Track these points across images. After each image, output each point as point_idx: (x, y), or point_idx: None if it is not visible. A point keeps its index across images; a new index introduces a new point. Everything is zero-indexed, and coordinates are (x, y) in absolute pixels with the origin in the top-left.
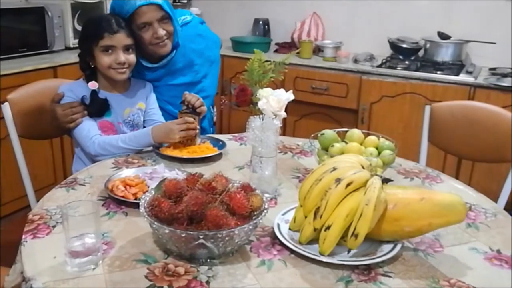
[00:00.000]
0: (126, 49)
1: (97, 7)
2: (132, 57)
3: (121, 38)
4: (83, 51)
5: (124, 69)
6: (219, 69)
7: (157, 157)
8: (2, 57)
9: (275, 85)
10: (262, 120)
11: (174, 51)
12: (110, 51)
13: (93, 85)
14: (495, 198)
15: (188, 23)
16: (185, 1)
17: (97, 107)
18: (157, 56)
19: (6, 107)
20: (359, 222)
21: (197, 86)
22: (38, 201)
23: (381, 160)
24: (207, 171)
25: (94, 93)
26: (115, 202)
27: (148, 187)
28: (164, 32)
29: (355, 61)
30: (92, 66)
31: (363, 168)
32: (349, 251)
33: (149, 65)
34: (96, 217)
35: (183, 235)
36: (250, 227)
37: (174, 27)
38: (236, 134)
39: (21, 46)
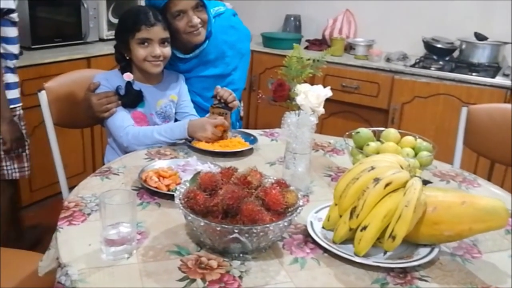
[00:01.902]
0: (162, 42)
1: None
2: (167, 50)
3: (158, 31)
4: (119, 43)
5: (159, 62)
6: (248, 63)
7: (189, 150)
8: (38, 46)
9: (305, 82)
10: (298, 116)
11: (207, 41)
12: (146, 43)
13: (128, 76)
14: None
15: (221, 14)
16: None
17: (131, 98)
18: (190, 46)
19: (43, 95)
20: (397, 224)
21: (227, 79)
22: (69, 188)
23: (418, 161)
24: (239, 166)
25: (129, 84)
26: (149, 192)
27: (181, 179)
28: (199, 20)
29: (388, 60)
30: (128, 58)
31: (402, 168)
32: (385, 252)
33: (182, 56)
34: (133, 206)
35: (218, 228)
36: (285, 224)
37: (208, 15)
38: (267, 130)
39: (57, 37)
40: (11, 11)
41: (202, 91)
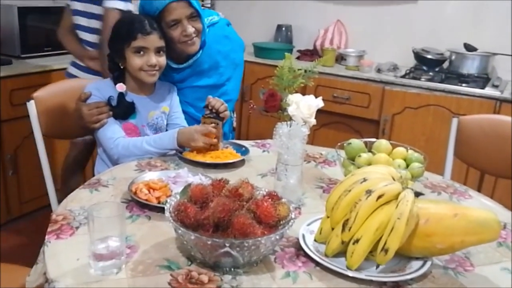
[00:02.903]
0: (158, 51)
1: None
2: (162, 60)
3: (154, 40)
4: (114, 52)
5: (155, 72)
6: (242, 73)
7: (180, 161)
8: (27, 55)
9: (297, 93)
10: (290, 126)
11: (201, 51)
12: (142, 52)
13: (121, 87)
14: None
15: (215, 24)
16: (209, 6)
17: (123, 110)
18: (184, 55)
19: (31, 105)
20: (390, 237)
21: (220, 89)
22: (58, 200)
23: (409, 172)
24: (230, 177)
25: (121, 95)
26: (138, 205)
27: (172, 191)
28: (193, 29)
29: (378, 70)
30: (122, 67)
31: (394, 180)
32: (377, 266)
33: (176, 66)
34: (121, 220)
35: (209, 242)
36: (277, 237)
37: (203, 25)
38: (258, 141)
39: (47, 45)
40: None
41: (195, 101)
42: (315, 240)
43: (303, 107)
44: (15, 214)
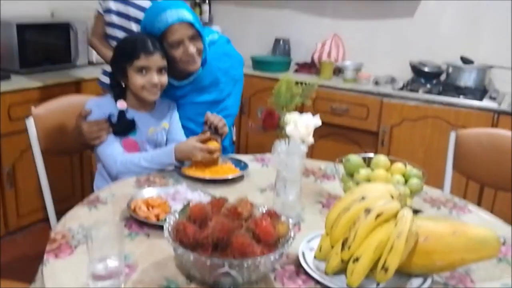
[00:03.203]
0: (160, 70)
1: None
2: (164, 79)
3: (157, 59)
4: (116, 70)
5: (156, 90)
6: (242, 88)
7: (179, 177)
8: (26, 70)
9: (296, 106)
10: (288, 144)
11: (201, 68)
12: (144, 71)
13: (121, 105)
14: None
15: (215, 42)
16: (207, 21)
17: (123, 127)
18: (185, 73)
19: (30, 122)
20: (389, 255)
21: (220, 105)
22: (57, 214)
23: (408, 188)
24: (229, 193)
25: (121, 112)
26: (137, 222)
27: (171, 207)
28: (195, 49)
29: (376, 83)
30: (124, 85)
31: (392, 197)
32: (377, 284)
33: (177, 83)
34: (120, 239)
35: (208, 262)
36: (276, 256)
37: (204, 44)
38: (257, 155)
39: (45, 60)
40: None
41: (195, 117)
42: (315, 258)
43: (301, 126)
44: (12, 228)
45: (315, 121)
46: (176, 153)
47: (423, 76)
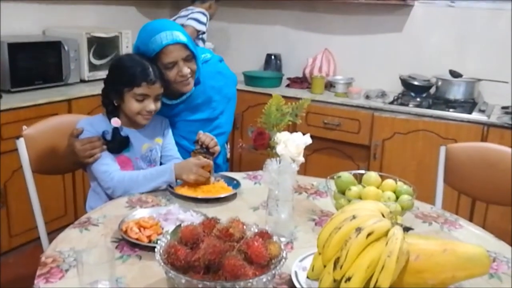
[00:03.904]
0: (157, 98)
1: (112, 41)
2: (159, 105)
3: (157, 88)
4: (111, 90)
5: (150, 116)
6: (235, 106)
7: (171, 196)
8: (18, 89)
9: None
10: (279, 163)
11: (194, 87)
12: (141, 98)
13: (116, 122)
14: (510, 240)
15: (208, 61)
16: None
17: (118, 144)
18: (178, 93)
19: (21, 142)
20: (381, 275)
21: (213, 123)
22: (48, 233)
23: (399, 205)
24: (222, 212)
25: (115, 130)
26: (129, 244)
27: (163, 228)
28: (189, 70)
29: (367, 97)
30: (116, 104)
31: (383, 216)
32: None
33: (169, 102)
34: (111, 264)
35: (199, 285)
36: (269, 278)
37: (197, 65)
38: (250, 173)
39: (37, 79)
40: (202, 32)
41: (188, 135)
42: (307, 277)
43: (291, 146)
44: (4, 248)
45: (305, 139)
46: (175, 171)
47: (413, 89)
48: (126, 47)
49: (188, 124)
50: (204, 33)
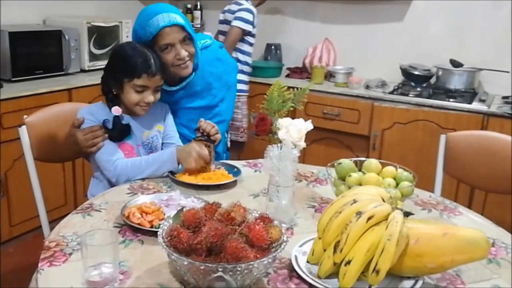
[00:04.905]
0: (156, 89)
1: (113, 31)
2: (158, 96)
3: (157, 80)
4: (111, 79)
5: (148, 108)
6: (235, 94)
7: (172, 183)
8: (18, 79)
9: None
10: (280, 149)
11: (193, 73)
12: (141, 89)
13: (117, 110)
14: (508, 229)
15: (208, 47)
16: (199, 26)
17: (119, 132)
18: (177, 78)
19: (23, 130)
20: (380, 258)
21: (213, 110)
22: (49, 222)
23: (399, 191)
24: (222, 199)
25: (116, 118)
26: (131, 229)
27: (164, 214)
28: (186, 53)
29: (367, 87)
30: (115, 93)
31: (383, 201)
32: (369, 286)
33: (168, 89)
34: (114, 246)
35: (201, 267)
36: (269, 260)
37: (195, 48)
38: (250, 161)
39: (37, 68)
40: (248, 32)
41: (188, 123)
42: (307, 261)
43: (293, 131)
44: (4, 238)
45: (307, 125)
46: (177, 154)
47: (413, 79)
48: (127, 36)
49: (188, 112)
50: (249, 32)
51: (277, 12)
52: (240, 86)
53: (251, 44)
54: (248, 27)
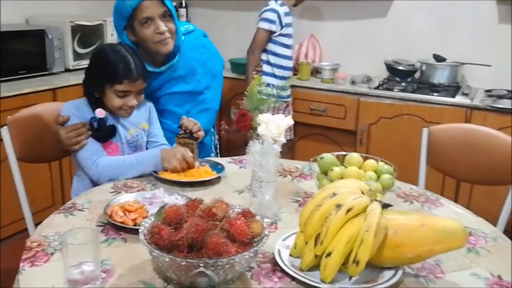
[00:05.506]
0: (139, 92)
1: (97, 29)
2: (141, 98)
3: (139, 84)
4: (92, 84)
5: (132, 111)
6: (221, 85)
7: (156, 181)
8: (1, 79)
9: (275, 107)
10: (262, 144)
11: (177, 56)
12: (123, 94)
13: (100, 113)
14: (494, 221)
15: (191, 32)
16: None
17: (104, 133)
18: (159, 58)
19: (5, 130)
20: (359, 249)
21: (199, 97)
22: (36, 224)
23: (380, 184)
24: (207, 195)
25: (101, 120)
26: (114, 228)
27: (148, 212)
28: (166, 28)
29: (353, 82)
30: (98, 96)
31: (363, 193)
32: (350, 278)
33: (151, 69)
34: (96, 245)
35: (183, 263)
36: (251, 255)
37: (176, 27)
38: (235, 157)
39: (21, 68)
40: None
41: (174, 108)
42: (290, 255)
43: (272, 126)
44: None
45: (287, 121)
46: (161, 155)
47: (398, 74)
48: (111, 35)
49: (173, 97)
50: (278, 33)
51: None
52: (267, 90)
53: (285, 46)
54: (272, 27)
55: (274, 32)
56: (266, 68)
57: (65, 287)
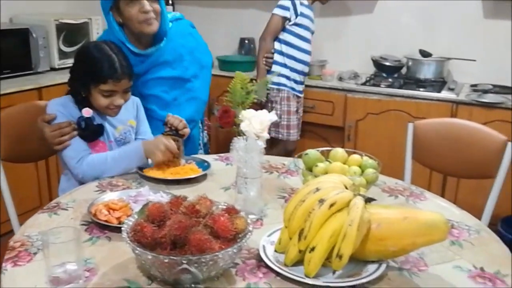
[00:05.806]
0: (125, 91)
1: (82, 27)
2: (128, 96)
3: (124, 83)
4: (78, 83)
5: (118, 110)
6: (210, 78)
7: (142, 179)
8: None
9: (262, 105)
10: (246, 141)
11: (164, 40)
12: (109, 94)
13: (87, 112)
14: (481, 214)
15: (179, 19)
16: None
17: (91, 133)
18: (145, 40)
19: None
20: (343, 243)
21: (186, 84)
22: (22, 225)
23: (364, 178)
24: (192, 193)
25: (88, 119)
26: (98, 226)
27: (132, 210)
28: (151, 8)
29: (340, 79)
30: (84, 95)
31: (346, 188)
32: (334, 272)
33: (137, 51)
34: (78, 244)
35: (166, 261)
36: (234, 251)
37: (162, 9)
38: (222, 154)
39: (5, 68)
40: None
41: (161, 94)
42: (275, 251)
43: (255, 122)
44: None
45: (270, 116)
46: (145, 147)
47: (385, 70)
48: (97, 33)
49: (160, 82)
50: (291, 21)
51: (250, 6)
52: (280, 79)
53: (300, 37)
54: (286, 14)
55: (289, 20)
56: (277, 57)
57: (47, 287)
